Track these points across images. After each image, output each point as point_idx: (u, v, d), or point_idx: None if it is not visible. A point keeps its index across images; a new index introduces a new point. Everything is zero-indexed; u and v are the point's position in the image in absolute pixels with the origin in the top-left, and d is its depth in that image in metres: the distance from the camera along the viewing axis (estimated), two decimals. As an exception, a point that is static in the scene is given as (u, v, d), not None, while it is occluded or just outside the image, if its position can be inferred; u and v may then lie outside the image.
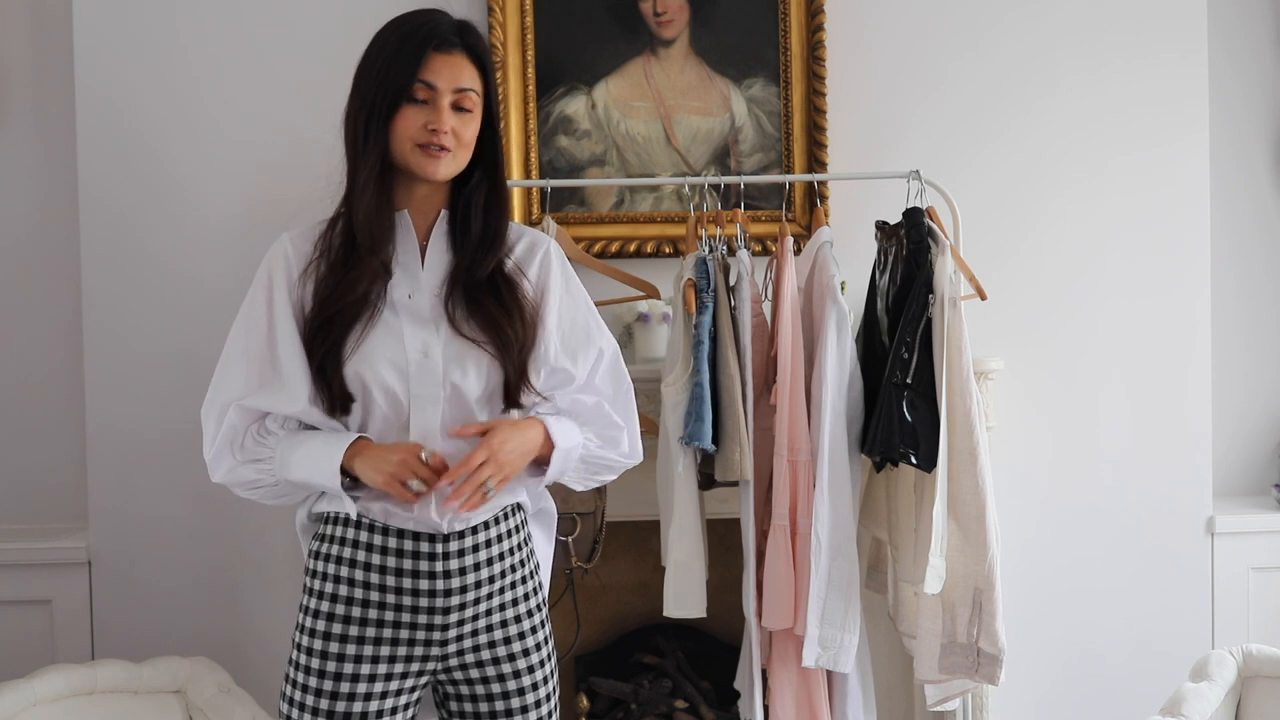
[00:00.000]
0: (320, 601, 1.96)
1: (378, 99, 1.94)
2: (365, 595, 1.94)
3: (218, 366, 2.01)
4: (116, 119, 3.09)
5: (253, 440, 1.97)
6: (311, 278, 1.97)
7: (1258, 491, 3.45)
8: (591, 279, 2.93)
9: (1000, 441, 3.06)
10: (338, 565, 1.96)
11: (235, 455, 1.97)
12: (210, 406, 1.99)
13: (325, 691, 1.94)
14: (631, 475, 2.88)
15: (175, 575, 3.10)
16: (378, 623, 1.94)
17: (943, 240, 2.56)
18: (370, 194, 1.95)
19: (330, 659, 1.94)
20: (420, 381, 1.94)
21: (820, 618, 2.52)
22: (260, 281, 2.01)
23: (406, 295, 1.98)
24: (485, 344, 1.97)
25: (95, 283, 3.10)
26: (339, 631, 1.95)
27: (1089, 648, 3.19)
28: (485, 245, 2.02)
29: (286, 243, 2.02)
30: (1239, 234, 3.42)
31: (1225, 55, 3.35)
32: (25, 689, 2.59)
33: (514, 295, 2.01)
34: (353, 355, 1.93)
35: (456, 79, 1.95)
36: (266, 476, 1.97)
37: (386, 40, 1.98)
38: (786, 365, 2.56)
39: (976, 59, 3.17)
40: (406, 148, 1.95)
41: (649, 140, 3.16)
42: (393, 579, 1.94)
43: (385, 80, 1.94)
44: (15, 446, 3.25)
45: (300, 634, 1.98)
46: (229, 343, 2.01)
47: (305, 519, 2.06)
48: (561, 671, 3.37)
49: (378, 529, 1.95)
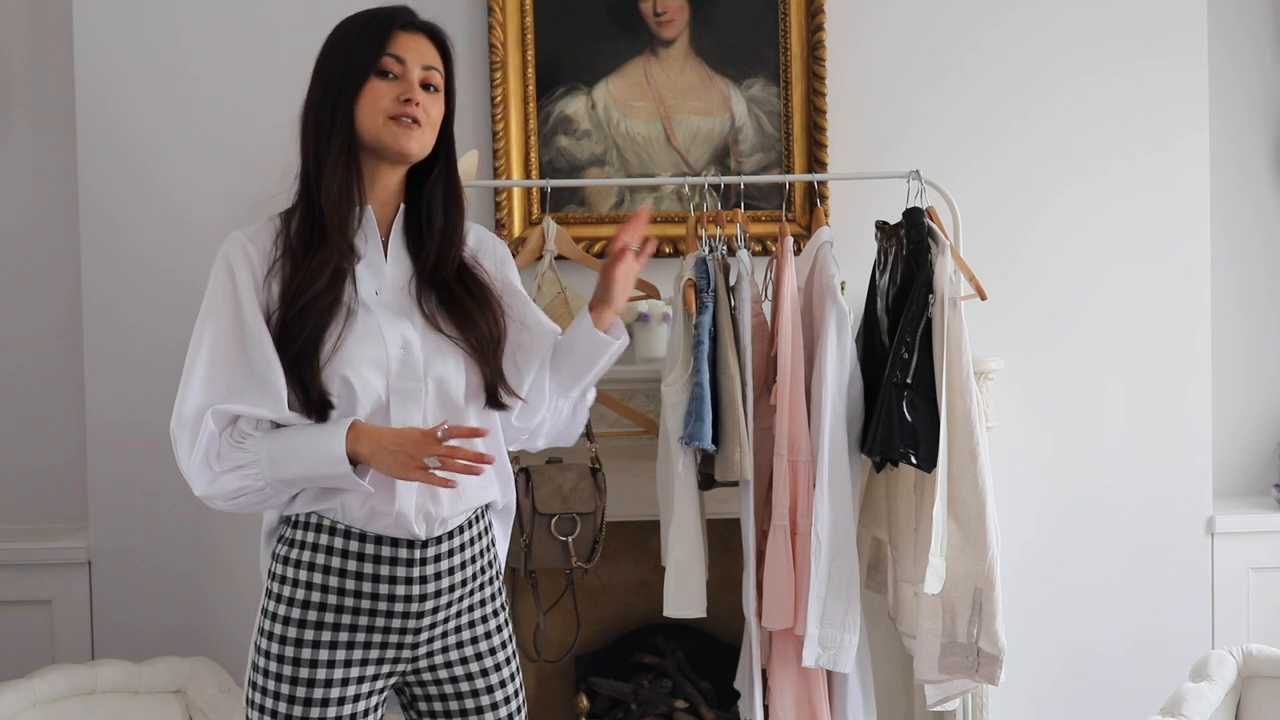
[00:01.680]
0: (290, 608, 1.91)
1: (346, 77, 1.92)
2: (339, 601, 1.91)
3: (184, 374, 1.90)
4: (116, 118, 3.10)
5: (229, 447, 1.87)
6: (277, 277, 1.90)
7: (1258, 491, 3.45)
8: (592, 279, 2.92)
9: (1000, 441, 3.06)
10: (310, 571, 1.91)
11: (214, 466, 1.88)
12: (182, 417, 1.88)
13: (298, 698, 1.90)
14: (632, 475, 2.91)
15: (175, 575, 3.10)
16: (350, 628, 1.91)
17: (943, 240, 2.56)
18: (339, 171, 1.91)
19: (303, 665, 1.90)
20: (402, 376, 1.92)
21: (820, 618, 2.52)
22: (221, 282, 1.92)
23: (374, 291, 1.96)
24: (460, 341, 1.96)
25: (95, 282, 3.10)
26: (311, 638, 1.91)
27: (1089, 647, 3.19)
28: (448, 240, 2.01)
29: (245, 241, 1.93)
30: (1239, 234, 3.42)
31: (1225, 56, 3.36)
32: (25, 689, 2.60)
33: (483, 292, 2.02)
34: (332, 357, 1.88)
35: (424, 56, 1.95)
36: (253, 481, 1.87)
37: (347, 27, 1.97)
38: (786, 365, 2.56)
39: (977, 59, 3.17)
40: (378, 122, 1.91)
41: (649, 140, 3.16)
42: (369, 584, 1.91)
43: (350, 59, 1.92)
44: (16, 447, 3.26)
45: (267, 640, 1.92)
46: (193, 348, 1.90)
47: (274, 522, 1.99)
48: (561, 671, 3.38)
49: (354, 535, 1.91)
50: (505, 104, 3.11)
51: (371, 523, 1.92)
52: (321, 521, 1.92)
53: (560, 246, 2.85)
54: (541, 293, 2.75)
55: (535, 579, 2.70)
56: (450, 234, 2.01)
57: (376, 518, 1.92)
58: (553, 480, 2.65)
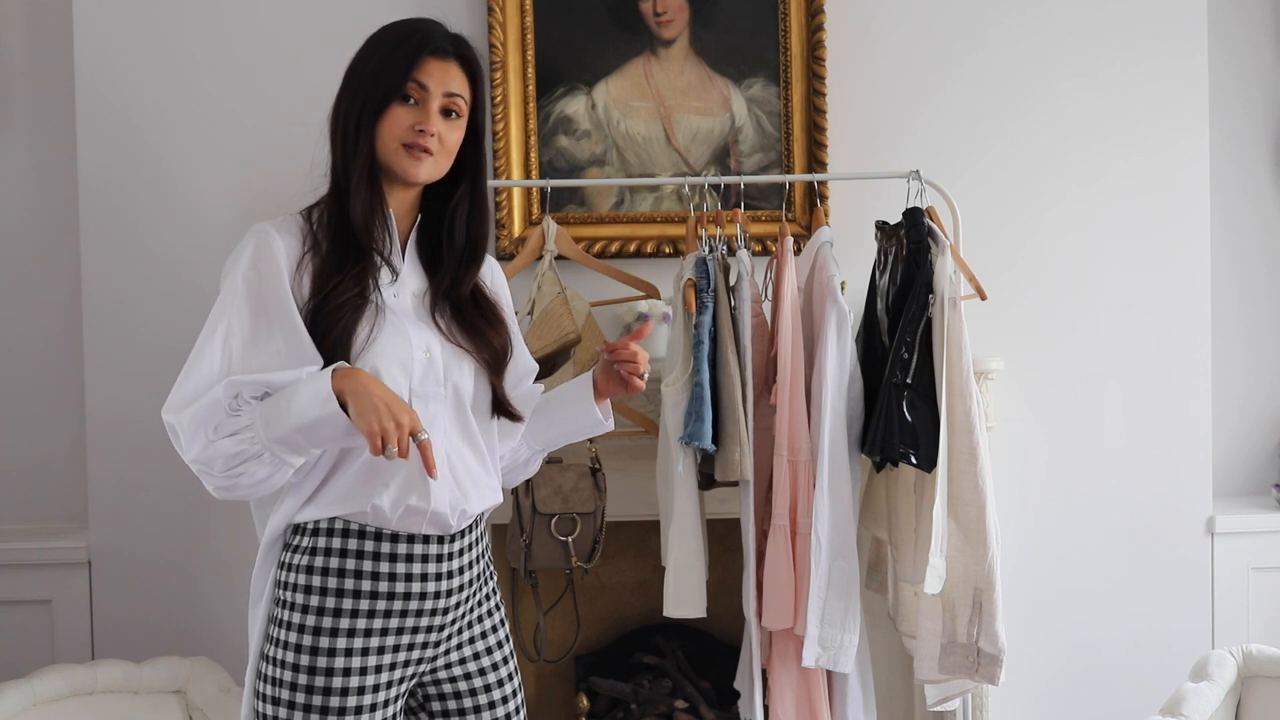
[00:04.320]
0: (320, 618, 1.88)
1: (370, 96, 1.94)
2: (371, 605, 1.90)
3: (192, 359, 1.86)
4: (117, 116, 3.10)
5: (226, 415, 1.82)
6: (308, 271, 1.91)
7: (1258, 491, 3.45)
8: (591, 279, 2.94)
9: (1000, 441, 3.06)
10: (340, 578, 1.89)
11: (208, 434, 1.82)
12: (182, 396, 1.84)
13: (331, 709, 1.87)
14: (631, 475, 2.91)
15: (175, 575, 3.10)
16: (382, 631, 1.91)
17: (943, 240, 2.56)
18: (364, 192, 1.94)
19: (336, 675, 1.87)
20: (424, 380, 1.94)
21: (820, 618, 2.52)
22: (244, 272, 1.88)
23: (393, 295, 1.98)
24: (474, 354, 2.01)
25: (96, 281, 3.10)
26: (343, 646, 1.88)
27: (1089, 647, 3.19)
28: (469, 258, 2.04)
29: (273, 234, 1.92)
30: (1239, 234, 3.42)
31: (1225, 58, 3.36)
32: (25, 689, 2.60)
33: (493, 310, 2.07)
34: (365, 351, 1.89)
35: (447, 83, 1.96)
36: (249, 446, 1.81)
37: (381, 41, 1.99)
38: (786, 365, 2.56)
39: (977, 60, 3.17)
40: (391, 147, 1.94)
41: (649, 140, 3.16)
42: (402, 584, 1.91)
43: (378, 79, 1.94)
44: (15, 447, 3.25)
45: (287, 651, 1.89)
46: (205, 335, 1.87)
47: (279, 530, 1.95)
48: (561, 671, 3.38)
49: (385, 536, 1.91)
50: (505, 104, 3.11)
51: (404, 523, 1.92)
52: (349, 526, 1.91)
53: (560, 246, 2.85)
54: (541, 293, 2.75)
55: (535, 579, 2.70)
56: (473, 253, 2.05)
57: (411, 516, 1.92)
58: (553, 480, 2.65)
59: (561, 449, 2.42)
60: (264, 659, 1.92)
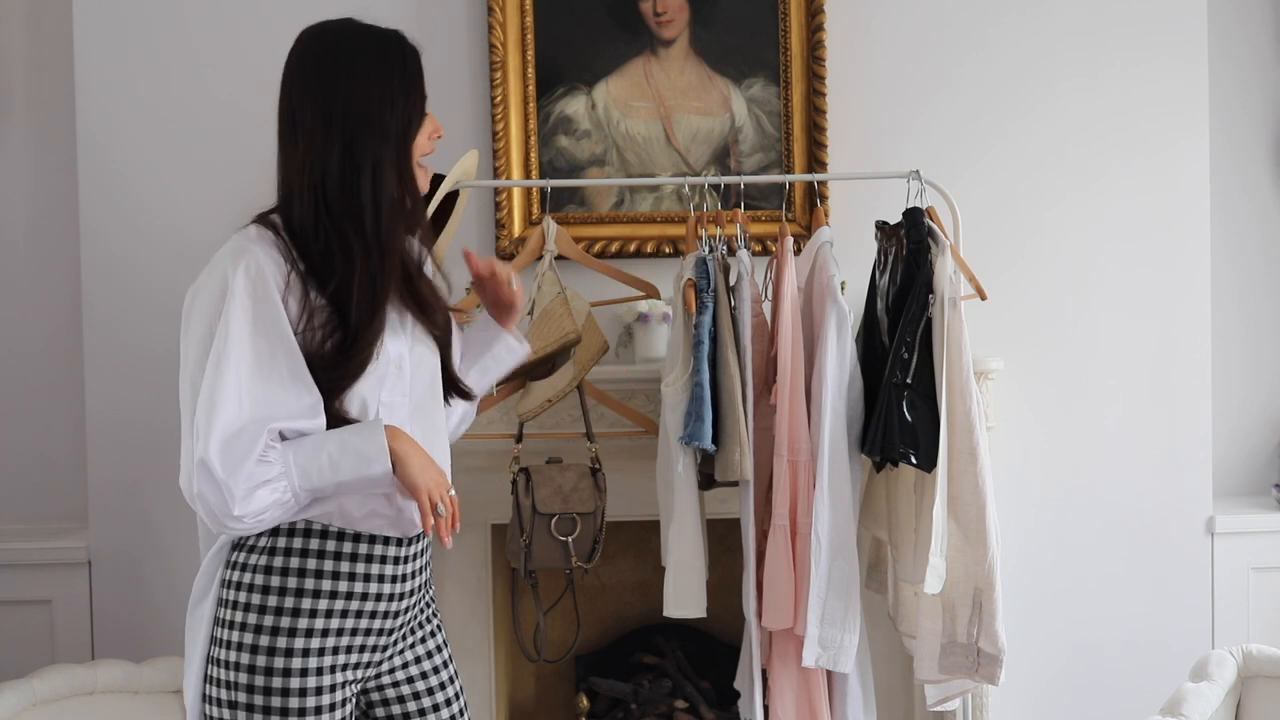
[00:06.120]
0: (278, 618, 1.86)
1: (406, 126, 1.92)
2: (330, 605, 1.89)
3: (206, 394, 1.78)
4: (116, 120, 3.10)
5: (256, 463, 1.77)
6: (293, 295, 1.85)
7: (1258, 491, 3.45)
8: (591, 279, 2.94)
9: (1000, 441, 3.06)
10: (299, 578, 1.87)
11: (243, 484, 1.77)
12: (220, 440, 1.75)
13: (291, 710, 1.86)
14: (631, 475, 2.91)
15: (175, 575, 3.09)
16: (338, 632, 1.90)
17: (943, 240, 2.56)
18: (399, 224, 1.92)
19: (293, 675, 1.86)
20: (393, 391, 1.95)
21: (820, 618, 2.51)
22: (240, 299, 1.82)
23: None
24: (429, 332, 2.02)
25: (95, 283, 3.10)
26: (300, 646, 1.87)
27: (1089, 647, 3.19)
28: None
29: (260, 255, 1.86)
30: (1239, 234, 3.42)
31: (1225, 58, 3.35)
32: (25, 689, 2.60)
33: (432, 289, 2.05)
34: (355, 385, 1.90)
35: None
36: (281, 495, 1.79)
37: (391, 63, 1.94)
38: (786, 365, 2.56)
39: (977, 60, 3.17)
40: (412, 164, 1.96)
41: (649, 140, 3.16)
42: (360, 584, 1.91)
43: (409, 114, 1.93)
44: (15, 447, 3.26)
45: (241, 652, 1.86)
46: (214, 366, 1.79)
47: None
48: (561, 671, 3.38)
49: (347, 536, 1.90)
50: (505, 104, 3.11)
51: (368, 524, 1.92)
52: (310, 526, 1.89)
53: (560, 246, 2.85)
54: (541, 293, 2.74)
55: (535, 579, 2.70)
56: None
57: (375, 519, 1.92)
58: (553, 480, 2.65)
59: (562, 449, 2.42)
60: (212, 662, 1.89)
